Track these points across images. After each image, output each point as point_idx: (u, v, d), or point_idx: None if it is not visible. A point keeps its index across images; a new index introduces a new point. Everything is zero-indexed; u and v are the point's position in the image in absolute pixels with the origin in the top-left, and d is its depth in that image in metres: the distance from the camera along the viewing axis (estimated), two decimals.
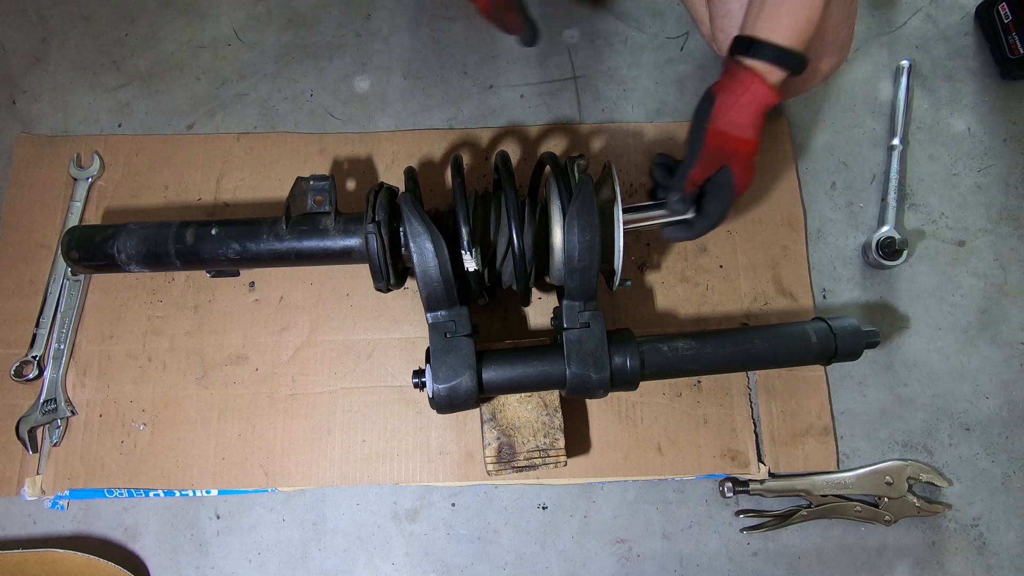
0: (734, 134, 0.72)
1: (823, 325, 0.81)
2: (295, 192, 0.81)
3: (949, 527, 0.90)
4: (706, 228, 0.79)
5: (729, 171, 0.74)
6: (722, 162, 0.74)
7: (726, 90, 0.71)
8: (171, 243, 0.80)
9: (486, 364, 0.75)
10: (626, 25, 1.09)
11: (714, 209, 0.77)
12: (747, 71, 0.70)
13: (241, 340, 0.94)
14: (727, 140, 0.72)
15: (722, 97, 0.72)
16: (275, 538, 0.89)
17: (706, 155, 0.73)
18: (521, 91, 1.06)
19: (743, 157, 0.73)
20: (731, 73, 0.71)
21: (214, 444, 0.90)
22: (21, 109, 1.05)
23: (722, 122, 0.71)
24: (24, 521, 0.90)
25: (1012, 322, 0.96)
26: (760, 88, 0.70)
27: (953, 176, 1.02)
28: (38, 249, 0.97)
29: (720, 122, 0.71)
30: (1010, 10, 1.03)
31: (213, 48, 1.08)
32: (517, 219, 0.75)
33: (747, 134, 0.72)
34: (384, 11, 1.10)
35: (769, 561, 0.89)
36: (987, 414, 0.93)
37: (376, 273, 0.77)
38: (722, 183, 0.75)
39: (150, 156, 1.01)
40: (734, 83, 0.71)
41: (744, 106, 0.71)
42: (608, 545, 0.89)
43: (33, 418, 0.90)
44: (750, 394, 0.92)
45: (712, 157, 0.73)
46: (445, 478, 0.89)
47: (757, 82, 0.70)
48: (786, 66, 0.69)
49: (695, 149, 0.74)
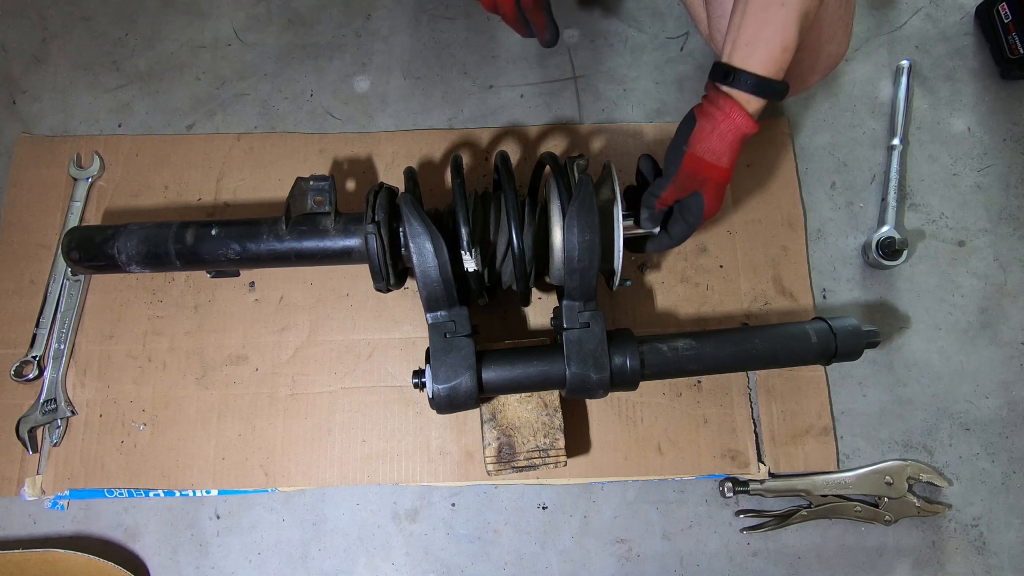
0: (709, 160, 0.72)
1: (823, 325, 0.81)
2: (295, 192, 0.81)
3: (949, 527, 0.90)
4: (666, 247, 0.81)
5: (700, 197, 0.74)
6: (694, 187, 0.74)
7: (706, 115, 0.72)
8: (171, 243, 0.80)
9: (486, 364, 0.75)
10: (626, 25, 1.09)
11: (679, 231, 0.78)
12: (727, 99, 0.70)
13: (241, 340, 0.94)
14: (702, 166, 0.72)
15: (702, 122, 0.72)
16: (275, 538, 0.89)
17: (680, 179, 0.74)
18: (521, 91, 1.06)
19: (715, 184, 0.74)
20: (712, 99, 0.72)
21: (214, 444, 0.90)
22: (21, 109, 1.05)
23: (699, 148, 0.72)
24: (24, 521, 0.90)
25: (1012, 322, 0.96)
26: (739, 117, 0.70)
27: (953, 176, 1.02)
28: (38, 249, 0.97)
29: (697, 148, 0.72)
30: (1010, 10, 1.03)
31: (213, 48, 1.08)
32: (517, 219, 0.75)
33: (722, 162, 0.72)
34: (384, 11, 1.10)
35: (769, 561, 0.89)
36: (987, 414, 0.93)
37: (376, 273, 0.77)
38: (691, 207, 0.75)
39: (150, 156, 1.01)
40: (714, 109, 0.71)
41: (723, 134, 0.71)
42: (608, 545, 0.89)
43: (33, 418, 0.90)
44: (750, 394, 0.92)
45: (686, 181, 0.74)
46: (445, 478, 0.89)
47: (736, 110, 0.70)
48: (764, 95, 0.69)
49: (670, 172, 0.74)
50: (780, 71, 0.69)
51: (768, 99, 0.70)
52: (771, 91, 0.69)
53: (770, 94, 0.70)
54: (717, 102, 0.71)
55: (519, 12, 0.84)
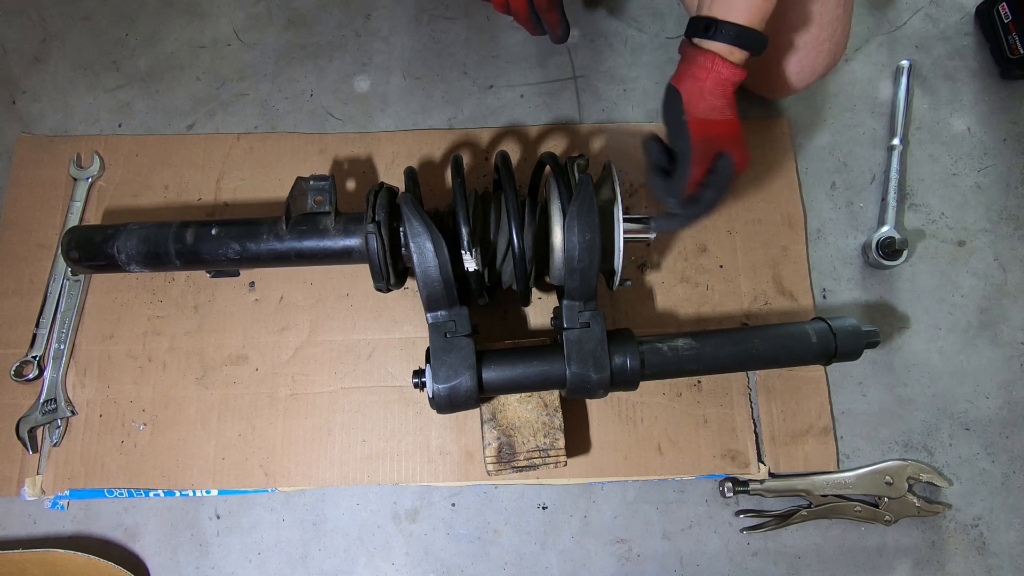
0: (716, 118, 0.69)
1: (823, 325, 0.81)
2: (295, 192, 0.81)
3: (949, 527, 0.90)
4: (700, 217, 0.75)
5: (726, 156, 0.70)
6: (715, 149, 0.70)
7: (688, 77, 0.69)
8: (171, 243, 0.80)
9: (486, 364, 0.75)
10: (626, 25, 1.09)
11: (710, 197, 0.73)
12: (706, 54, 0.68)
13: (241, 340, 0.94)
14: (710, 126, 0.69)
15: (686, 86, 0.69)
16: (275, 538, 0.89)
17: (697, 149, 0.70)
18: (521, 91, 1.06)
19: (732, 138, 0.70)
20: (690, 59, 0.69)
21: (214, 444, 0.90)
22: (21, 109, 1.05)
23: (698, 110, 0.69)
24: (24, 521, 0.90)
25: (1012, 322, 0.96)
26: (723, 67, 0.67)
27: (953, 176, 1.02)
28: (38, 249, 0.97)
29: (697, 110, 0.69)
30: (1010, 10, 1.03)
31: (213, 48, 1.08)
32: (517, 219, 0.75)
33: (727, 115, 0.69)
34: (384, 11, 1.10)
35: (769, 561, 0.89)
36: (987, 414, 0.93)
37: (376, 273, 0.77)
38: (721, 170, 0.71)
39: (150, 156, 1.01)
40: (695, 68, 0.68)
41: (712, 88, 0.68)
42: (608, 545, 0.89)
43: (33, 418, 0.90)
44: (750, 394, 0.92)
45: (703, 148, 0.70)
46: (445, 478, 0.89)
47: (719, 62, 0.67)
48: (745, 45, 0.67)
49: (684, 149, 0.70)
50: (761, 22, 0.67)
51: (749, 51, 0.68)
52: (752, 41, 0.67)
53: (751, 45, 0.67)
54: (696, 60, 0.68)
55: (532, 11, 0.83)
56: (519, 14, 0.83)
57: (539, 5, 0.82)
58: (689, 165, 0.70)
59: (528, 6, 0.82)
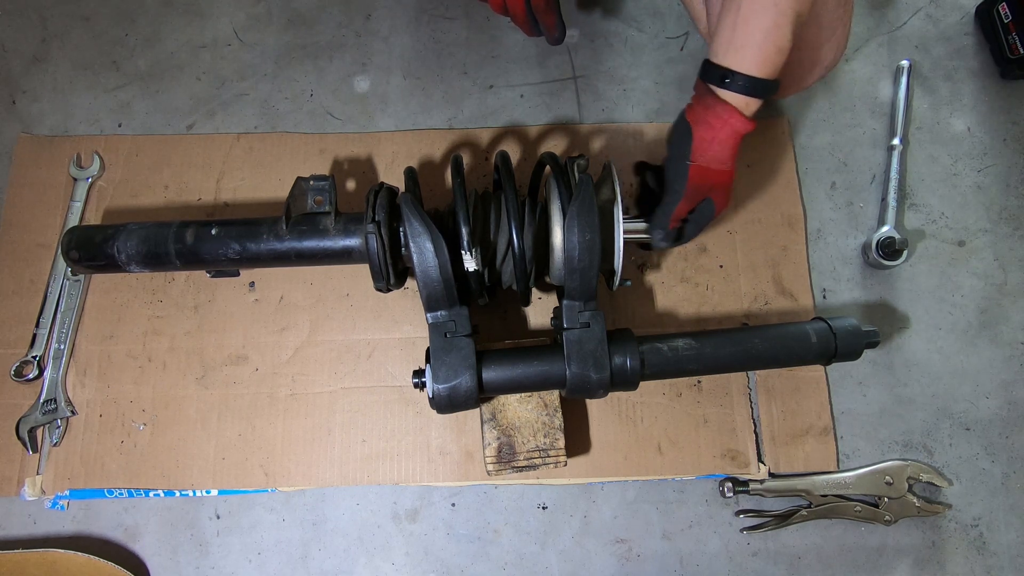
0: (715, 168, 0.73)
1: (823, 325, 0.81)
2: (295, 192, 0.81)
3: (949, 527, 0.90)
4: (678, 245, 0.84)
5: (710, 201, 0.77)
6: (704, 195, 0.76)
7: (704, 123, 0.72)
8: (171, 243, 0.80)
9: (486, 364, 0.75)
10: (626, 25, 1.09)
11: (691, 232, 0.81)
12: (723, 104, 0.70)
13: (241, 340, 0.94)
14: (709, 174, 0.73)
15: (700, 132, 0.72)
16: (275, 538, 0.89)
17: (690, 192, 0.75)
18: (521, 91, 1.06)
19: (723, 187, 0.75)
20: (706, 104, 0.71)
21: (214, 444, 0.90)
22: (21, 109, 1.05)
23: (704, 158, 0.72)
24: (24, 521, 0.90)
25: (1012, 322, 0.96)
26: (736, 121, 0.70)
27: (953, 176, 1.02)
28: (38, 249, 0.97)
29: (701, 159, 0.72)
30: (1010, 10, 1.03)
31: (213, 48, 1.08)
32: (517, 219, 0.75)
33: (726, 165, 0.73)
34: (384, 11, 1.10)
35: (769, 561, 0.89)
36: (987, 414, 0.93)
37: (376, 273, 0.77)
38: (703, 211, 0.78)
39: (150, 156, 1.01)
40: (711, 116, 0.71)
41: (723, 140, 0.71)
42: (608, 545, 0.89)
43: (33, 418, 0.90)
44: (750, 394, 0.92)
45: (695, 192, 0.75)
46: (445, 478, 0.89)
47: (734, 115, 0.70)
48: (760, 95, 0.69)
49: (678, 188, 0.75)
50: (775, 71, 0.69)
51: (764, 98, 0.70)
52: (766, 91, 0.69)
53: (764, 93, 0.70)
54: (714, 108, 0.70)
55: (529, 13, 0.84)
56: (516, 15, 0.84)
57: (536, 7, 0.82)
58: (677, 203, 0.76)
59: (526, 8, 0.83)
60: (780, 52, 0.68)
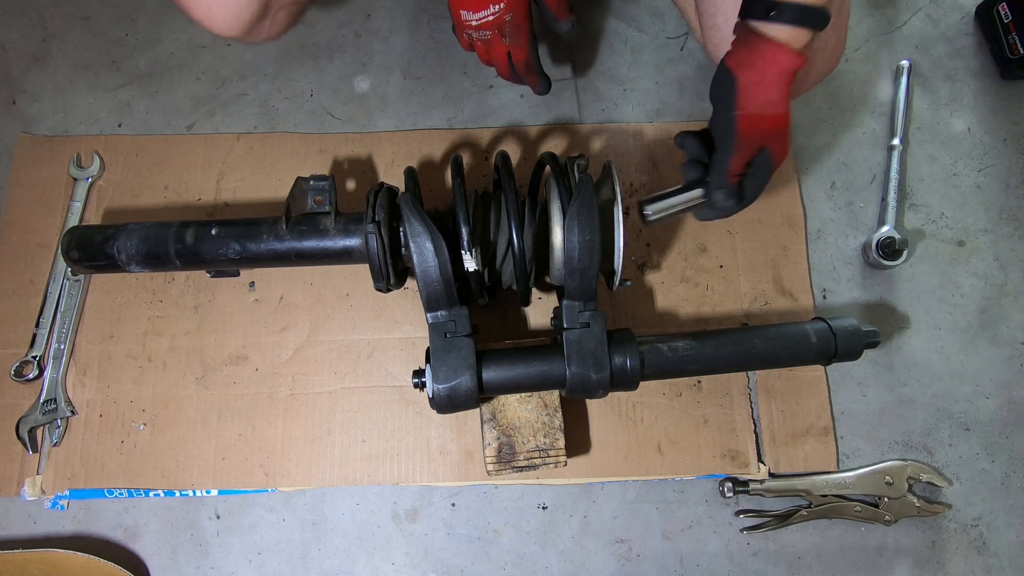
0: (768, 113, 0.65)
1: (823, 325, 0.81)
2: (295, 192, 0.81)
3: (949, 527, 0.90)
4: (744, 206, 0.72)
5: (768, 151, 0.68)
6: (760, 145, 0.67)
7: (749, 67, 0.65)
8: (171, 243, 0.80)
9: (486, 364, 0.75)
10: (626, 25, 1.09)
11: (752, 187, 0.70)
12: (769, 42, 0.63)
13: (241, 340, 0.94)
14: (761, 121, 0.66)
15: (746, 75, 0.65)
16: (275, 538, 0.89)
17: (742, 143, 0.67)
18: (521, 91, 1.06)
19: (780, 134, 0.68)
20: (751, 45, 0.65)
21: (214, 444, 0.90)
22: (21, 109, 1.05)
23: (752, 104, 0.65)
24: (24, 521, 0.90)
25: (1012, 322, 0.96)
26: (787, 57, 0.63)
27: (953, 176, 1.02)
28: (38, 249, 0.97)
29: (751, 106, 0.65)
30: (1010, 10, 1.03)
31: (213, 48, 1.08)
32: (517, 219, 0.75)
33: (780, 109, 0.66)
34: (384, 11, 1.10)
35: (769, 561, 0.89)
36: (987, 414, 0.93)
37: (376, 273, 0.77)
38: (760, 163, 0.68)
39: (150, 156, 1.01)
40: (756, 57, 0.64)
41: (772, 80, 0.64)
42: (608, 545, 0.89)
43: (33, 418, 0.90)
44: (750, 394, 0.92)
45: (749, 143, 0.67)
46: (445, 478, 0.89)
47: (782, 51, 0.63)
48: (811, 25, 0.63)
49: (728, 140, 0.68)
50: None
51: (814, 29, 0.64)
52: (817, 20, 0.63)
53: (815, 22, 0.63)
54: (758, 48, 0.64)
55: (512, 72, 0.88)
56: (501, 73, 0.89)
57: (519, 70, 0.87)
58: (730, 160, 0.68)
59: (509, 68, 0.87)
60: None
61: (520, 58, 0.85)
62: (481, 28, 0.81)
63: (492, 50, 0.85)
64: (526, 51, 0.85)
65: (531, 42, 0.85)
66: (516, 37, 0.82)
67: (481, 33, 0.82)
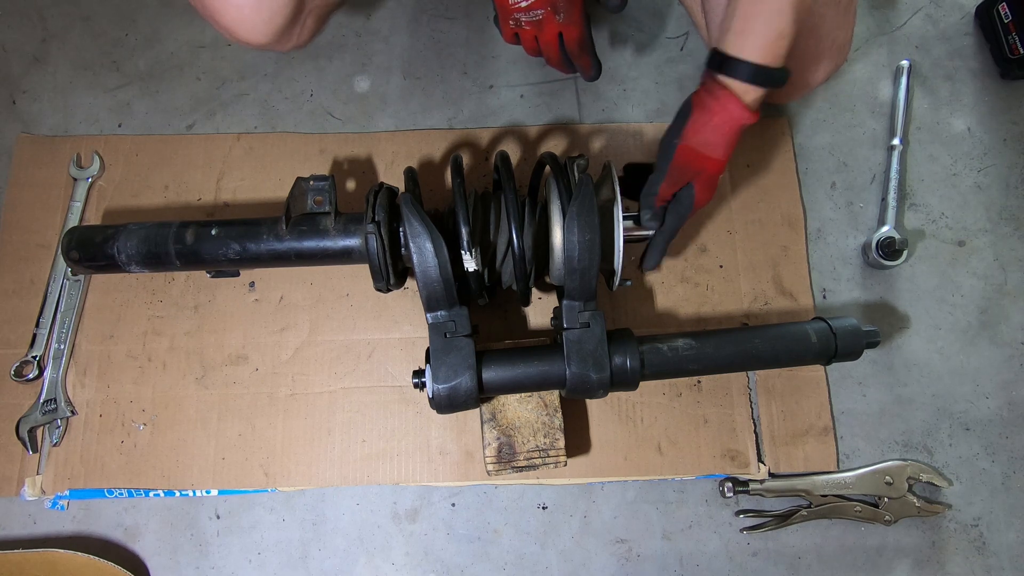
0: (703, 152, 0.71)
1: (823, 325, 0.81)
2: (295, 192, 0.81)
3: (949, 527, 0.90)
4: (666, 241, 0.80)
5: (691, 188, 0.74)
6: (687, 179, 0.73)
7: (702, 107, 0.70)
8: (171, 243, 0.80)
9: (486, 364, 0.75)
10: (626, 25, 1.09)
11: (671, 219, 0.77)
12: (723, 89, 0.68)
13: (241, 340, 0.94)
14: (695, 157, 0.71)
15: (697, 114, 0.70)
16: (275, 538, 0.89)
17: (673, 171, 0.73)
18: (521, 91, 1.06)
19: (707, 176, 0.73)
20: (708, 88, 0.70)
21: (214, 444, 0.90)
22: (21, 109, 1.05)
23: (693, 140, 0.70)
24: (24, 521, 0.90)
25: (1012, 322, 0.96)
26: (735, 108, 0.68)
27: (953, 176, 1.02)
28: (38, 249, 0.97)
29: (691, 139, 0.70)
30: (1010, 10, 1.03)
31: (213, 48, 1.08)
32: (517, 219, 0.75)
33: (716, 153, 0.71)
34: (384, 11, 1.10)
35: (769, 561, 0.89)
36: (987, 414, 0.93)
37: (376, 273, 0.77)
38: (682, 199, 0.75)
39: (150, 156, 1.01)
40: (711, 100, 0.69)
41: (717, 126, 0.69)
42: (608, 545, 0.89)
43: (33, 418, 0.90)
44: (750, 394, 0.92)
45: (679, 173, 0.73)
46: (445, 478, 0.89)
47: (733, 101, 0.68)
48: (762, 83, 0.67)
49: (662, 166, 0.73)
50: (777, 58, 0.67)
51: (767, 87, 0.68)
52: (769, 79, 0.67)
53: (768, 82, 0.67)
54: (713, 92, 0.69)
55: (563, 55, 0.84)
56: (551, 58, 0.85)
57: (571, 51, 0.83)
58: (660, 183, 0.74)
59: (560, 51, 0.83)
60: (781, 38, 0.66)
61: (573, 35, 0.81)
62: (532, 7, 0.78)
63: (543, 32, 0.81)
64: (580, 27, 0.81)
65: (584, 17, 0.81)
66: (570, 12, 0.79)
67: (532, 14, 0.79)
